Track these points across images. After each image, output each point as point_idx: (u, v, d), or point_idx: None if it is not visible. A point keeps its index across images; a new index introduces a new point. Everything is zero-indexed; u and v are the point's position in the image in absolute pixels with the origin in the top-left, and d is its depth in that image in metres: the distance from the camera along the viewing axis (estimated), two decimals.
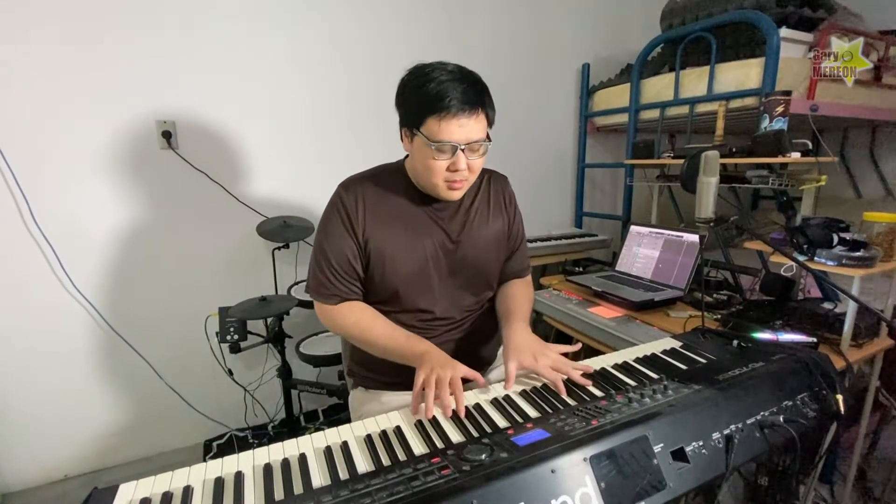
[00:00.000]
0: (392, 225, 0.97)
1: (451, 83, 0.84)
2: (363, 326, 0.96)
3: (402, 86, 0.90)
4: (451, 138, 0.85)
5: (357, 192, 0.97)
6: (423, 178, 0.93)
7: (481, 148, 0.90)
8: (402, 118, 0.91)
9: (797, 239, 1.19)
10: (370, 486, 0.58)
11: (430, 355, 0.86)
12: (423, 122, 0.85)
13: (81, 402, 1.72)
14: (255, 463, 0.66)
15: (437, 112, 0.83)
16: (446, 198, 0.94)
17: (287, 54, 1.82)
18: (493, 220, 1.06)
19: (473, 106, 0.85)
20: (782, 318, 1.29)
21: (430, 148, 0.86)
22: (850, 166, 2.64)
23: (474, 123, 0.86)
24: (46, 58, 1.49)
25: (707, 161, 1.08)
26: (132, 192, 1.68)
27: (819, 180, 1.37)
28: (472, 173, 0.92)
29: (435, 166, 0.88)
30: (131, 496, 0.60)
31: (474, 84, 0.87)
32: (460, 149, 0.86)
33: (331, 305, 0.98)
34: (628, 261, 1.79)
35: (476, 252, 1.03)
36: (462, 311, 1.05)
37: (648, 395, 0.76)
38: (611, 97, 2.35)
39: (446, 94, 0.83)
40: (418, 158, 0.91)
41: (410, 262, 0.97)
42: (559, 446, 0.62)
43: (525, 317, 1.04)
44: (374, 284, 0.99)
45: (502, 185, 1.11)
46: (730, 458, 0.69)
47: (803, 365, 0.87)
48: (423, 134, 0.86)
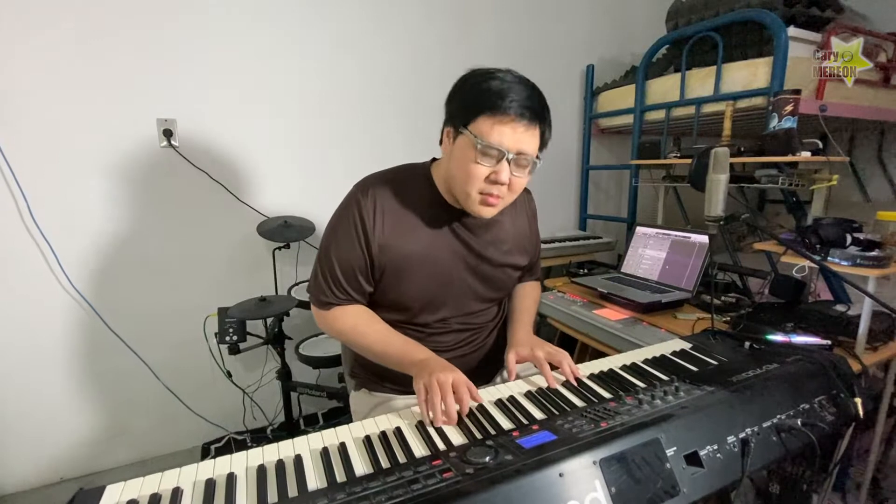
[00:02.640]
0: (411, 238, 0.90)
1: (516, 85, 0.78)
2: (360, 331, 0.91)
3: (461, 81, 0.84)
4: (502, 142, 0.77)
5: (375, 198, 0.89)
6: (457, 184, 0.84)
7: (529, 166, 0.82)
8: (451, 114, 0.84)
9: (809, 239, 1.16)
10: (368, 489, 0.55)
11: (428, 362, 0.82)
12: (475, 119, 0.78)
13: (78, 403, 1.70)
14: (248, 464, 0.63)
15: (493, 109, 0.76)
16: (477, 213, 0.85)
17: (290, 54, 1.81)
18: (517, 236, 1.02)
19: (534, 115, 0.78)
20: (794, 321, 1.26)
21: (474, 149, 0.78)
22: (858, 169, 2.61)
23: (529, 137, 0.79)
24: (47, 56, 1.48)
25: (717, 158, 1.05)
26: (132, 190, 1.66)
27: (831, 180, 1.34)
28: (512, 192, 0.84)
29: (475, 171, 0.79)
30: (118, 498, 0.57)
31: (539, 95, 0.81)
32: (507, 158, 0.78)
33: (326, 311, 0.94)
34: (634, 262, 1.76)
35: (498, 270, 0.98)
36: (477, 325, 1.03)
37: (659, 396, 0.73)
38: (615, 99, 2.33)
39: (509, 94, 0.77)
40: (458, 161, 0.82)
41: (428, 280, 0.92)
42: (567, 449, 0.60)
43: (530, 319, 1.04)
44: (387, 299, 0.94)
45: (528, 198, 1.07)
46: (746, 463, 0.66)
47: (820, 367, 0.84)
48: (470, 132, 0.78)
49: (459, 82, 0.84)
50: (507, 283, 1.04)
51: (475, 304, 1.00)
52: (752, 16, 1.67)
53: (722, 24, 1.77)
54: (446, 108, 0.86)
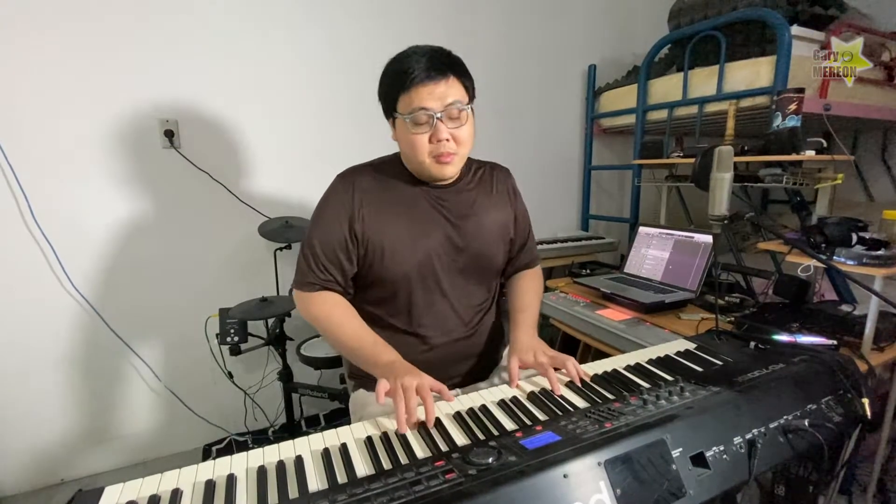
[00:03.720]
0: (392, 215, 0.93)
1: (414, 56, 0.84)
2: (334, 321, 0.92)
3: (380, 80, 0.90)
4: (424, 104, 0.83)
5: (355, 181, 0.94)
6: (412, 161, 0.91)
7: (461, 114, 0.86)
8: (384, 109, 0.91)
9: (815, 238, 1.15)
10: (370, 490, 0.54)
11: (394, 366, 0.81)
12: (397, 102, 0.85)
13: (79, 405, 1.70)
14: (248, 465, 0.62)
15: (403, 85, 0.83)
16: (438, 175, 0.91)
17: (291, 54, 1.81)
18: (496, 211, 1.02)
19: (440, 71, 0.83)
20: (799, 321, 1.25)
21: (407, 124, 0.85)
22: (862, 169, 2.60)
23: (446, 88, 0.84)
24: (48, 55, 1.48)
25: (721, 156, 1.04)
26: (133, 190, 1.66)
27: (835, 178, 1.33)
28: (460, 145, 0.89)
29: (417, 142, 0.86)
30: (117, 499, 0.57)
31: (439, 54, 0.86)
32: (437, 117, 0.84)
33: (306, 293, 0.94)
34: (637, 262, 1.75)
35: (481, 243, 0.99)
36: (470, 309, 1.02)
37: (664, 396, 0.72)
38: (617, 98, 2.33)
39: (409, 67, 0.83)
40: (404, 142, 0.89)
41: (413, 254, 0.93)
42: (571, 450, 0.59)
43: (533, 318, 1.03)
44: (374, 279, 0.95)
45: (504, 176, 1.08)
46: (753, 465, 0.65)
47: (826, 367, 0.83)
48: (399, 113, 0.86)
49: (380, 79, 0.90)
50: (493, 253, 1.02)
51: (462, 281, 0.99)
52: (755, 14, 1.66)
53: (725, 22, 1.76)
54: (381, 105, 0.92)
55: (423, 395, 0.74)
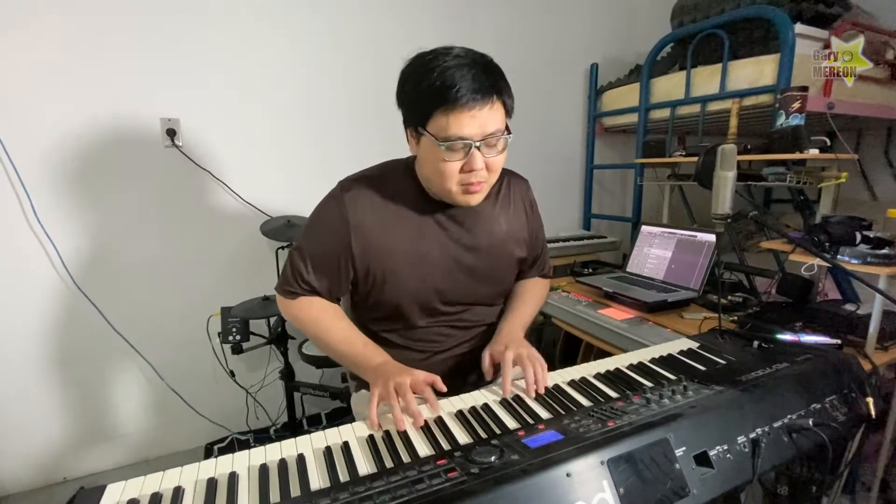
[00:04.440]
0: (396, 236, 0.86)
1: (458, 69, 0.72)
2: (322, 326, 0.88)
3: (403, 80, 0.79)
4: (463, 133, 0.73)
5: (357, 196, 0.86)
6: (434, 184, 0.82)
7: (500, 142, 0.78)
8: (406, 116, 0.80)
9: (819, 237, 1.14)
10: (371, 488, 0.54)
11: (385, 367, 0.79)
12: (430, 118, 0.74)
13: (81, 403, 1.70)
14: (250, 463, 0.62)
15: (443, 105, 0.72)
16: (464, 203, 0.82)
17: (292, 52, 1.81)
18: (512, 227, 0.96)
19: (487, 93, 0.73)
20: (802, 320, 1.24)
21: (439, 148, 0.74)
22: (865, 168, 2.59)
23: (489, 114, 0.74)
24: (51, 54, 1.48)
25: (724, 155, 1.04)
26: (135, 189, 1.66)
27: (840, 177, 1.32)
28: (492, 173, 0.80)
29: (447, 169, 0.76)
30: (119, 497, 0.56)
31: (486, 67, 0.75)
32: (475, 146, 0.74)
33: (289, 299, 0.91)
34: (639, 262, 1.74)
35: (492, 263, 0.94)
36: (474, 328, 0.99)
37: (667, 395, 0.72)
38: (620, 97, 2.32)
39: (453, 83, 0.71)
40: (427, 162, 0.79)
41: (415, 279, 0.88)
42: (574, 448, 0.58)
43: (523, 315, 0.99)
44: (373, 302, 0.91)
45: (524, 189, 1.02)
46: (757, 464, 0.65)
47: (831, 366, 0.83)
48: (430, 133, 0.75)
49: (401, 82, 0.79)
50: (503, 278, 0.99)
51: (469, 301, 0.95)
52: (758, 12, 1.65)
53: (728, 21, 1.75)
54: (400, 108, 0.81)
55: (420, 391, 0.73)
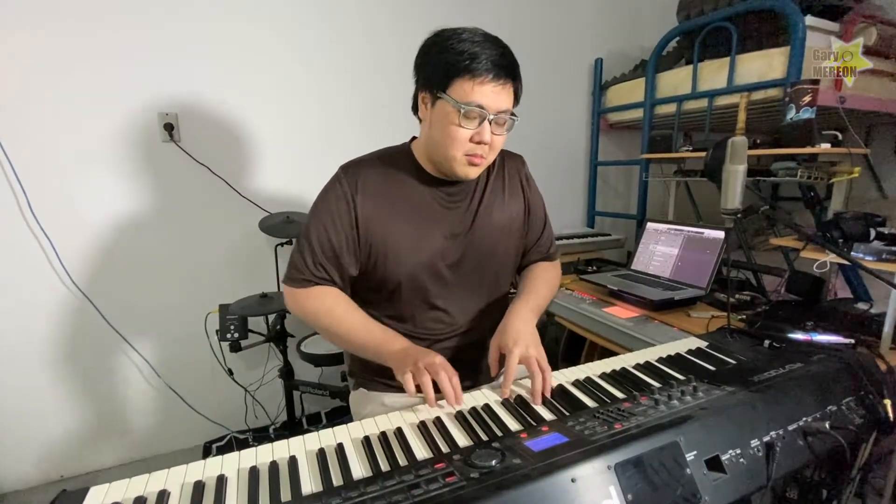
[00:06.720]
0: (396, 213, 0.88)
1: (488, 44, 0.78)
2: (335, 317, 0.87)
3: (427, 46, 0.83)
4: (483, 102, 0.77)
5: (358, 176, 0.88)
6: (440, 149, 0.84)
7: (507, 122, 0.82)
8: (426, 80, 0.83)
9: (831, 233, 1.11)
10: (365, 493, 0.51)
11: (409, 351, 0.79)
12: (452, 83, 0.77)
13: (79, 401, 1.68)
14: (240, 466, 0.60)
15: (470, 72, 0.76)
16: (463, 175, 0.85)
17: (291, 46, 1.78)
18: (509, 204, 0.97)
19: (508, 73, 0.78)
20: (813, 319, 1.21)
21: (456, 112, 0.77)
22: (874, 165, 2.54)
23: (505, 92, 0.79)
24: (48, 49, 1.46)
25: (734, 147, 1.00)
26: (133, 185, 1.64)
27: (852, 172, 1.29)
28: (493, 151, 0.84)
29: (458, 135, 0.79)
30: (102, 499, 0.54)
31: (508, 53, 0.80)
32: (488, 118, 0.79)
33: (299, 289, 0.89)
34: (645, 259, 1.71)
35: (490, 242, 0.94)
36: (478, 312, 0.97)
37: (676, 396, 0.69)
38: (625, 93, 2.28)
39: (483, 53, 0.76)
40: (439, 126, 0.81)
41: (416, 254, 0.89)
42: (579, 452, 0.56)
43: (536, 301, 0.95)
44: (376, 279, 0.91)
45: (518, 164, 1.03)
46: (771, 469, 0.62)
47: (847, 366, 0.79)
48: (450, 97, 0.78)
49: (428, 45, 0.83)
50: (504, 255, 0.98)
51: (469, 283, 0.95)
52: (767, 4, 1.62)
53: (736, 13, 1.72)
54: (417, 73, 0.85)
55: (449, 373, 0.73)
